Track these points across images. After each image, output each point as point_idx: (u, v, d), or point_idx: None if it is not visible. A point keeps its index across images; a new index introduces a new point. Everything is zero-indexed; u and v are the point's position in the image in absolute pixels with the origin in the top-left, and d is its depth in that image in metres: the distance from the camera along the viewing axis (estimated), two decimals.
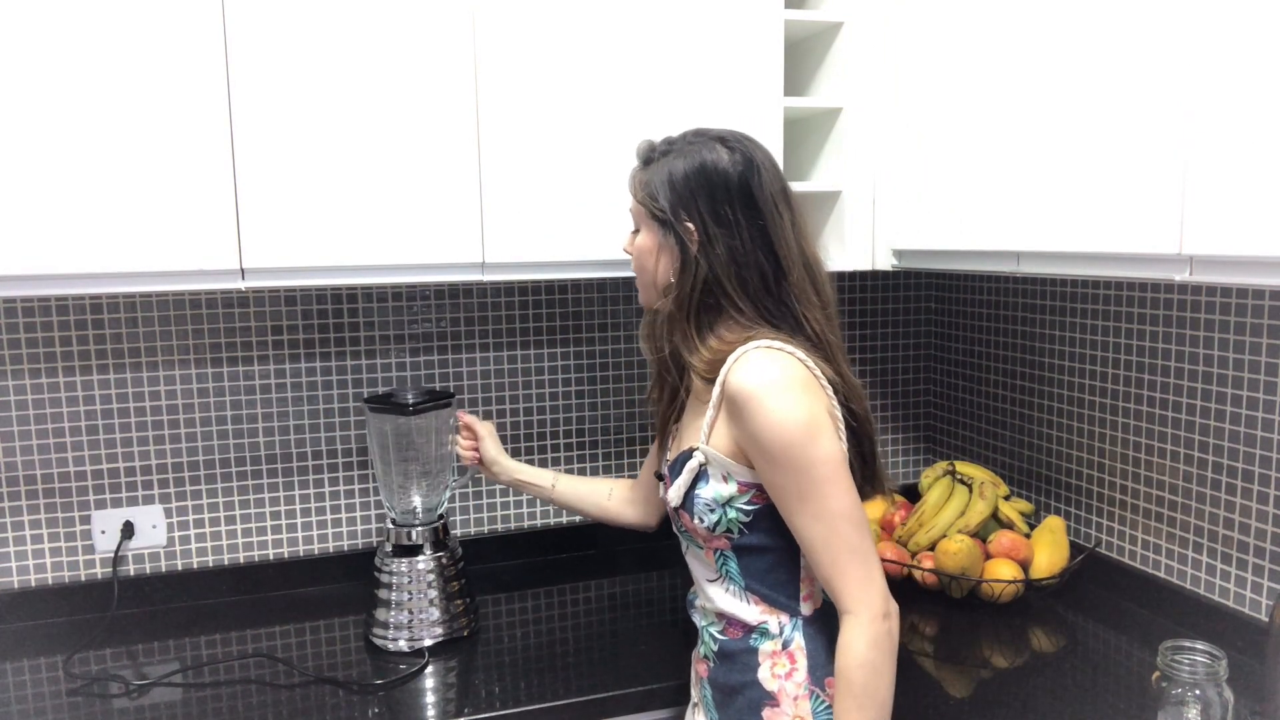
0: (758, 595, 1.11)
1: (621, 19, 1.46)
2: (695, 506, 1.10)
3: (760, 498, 1.08)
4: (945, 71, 1.42)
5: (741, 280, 1.07)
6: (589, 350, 1.89)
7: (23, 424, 1.60)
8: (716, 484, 1.08)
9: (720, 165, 1.08)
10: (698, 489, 1.09)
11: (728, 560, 1.12)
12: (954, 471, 1.76)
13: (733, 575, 1.12)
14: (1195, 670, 1.03)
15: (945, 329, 2.05)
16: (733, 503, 1.08)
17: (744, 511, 1.08)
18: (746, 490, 1.07)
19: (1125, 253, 1.11)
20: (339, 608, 1.65)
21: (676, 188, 1.08)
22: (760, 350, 1.04)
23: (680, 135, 1.14)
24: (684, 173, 1.08)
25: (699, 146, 1.10)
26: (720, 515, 1.08)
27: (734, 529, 1.09)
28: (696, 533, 1.12)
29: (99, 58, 1.25)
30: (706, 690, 1.18)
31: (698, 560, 1.17)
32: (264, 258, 1.35)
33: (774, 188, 1.09)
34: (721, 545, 1.12)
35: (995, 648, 1.44)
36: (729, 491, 1.08)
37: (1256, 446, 1.35)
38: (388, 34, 1.36)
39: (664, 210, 1.09)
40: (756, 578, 1.11)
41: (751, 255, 1.07)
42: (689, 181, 1.08)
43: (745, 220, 1.07)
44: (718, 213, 1.07)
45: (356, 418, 1.77)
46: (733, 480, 1.08)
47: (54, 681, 1.39)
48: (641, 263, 1.15)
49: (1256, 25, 0.93)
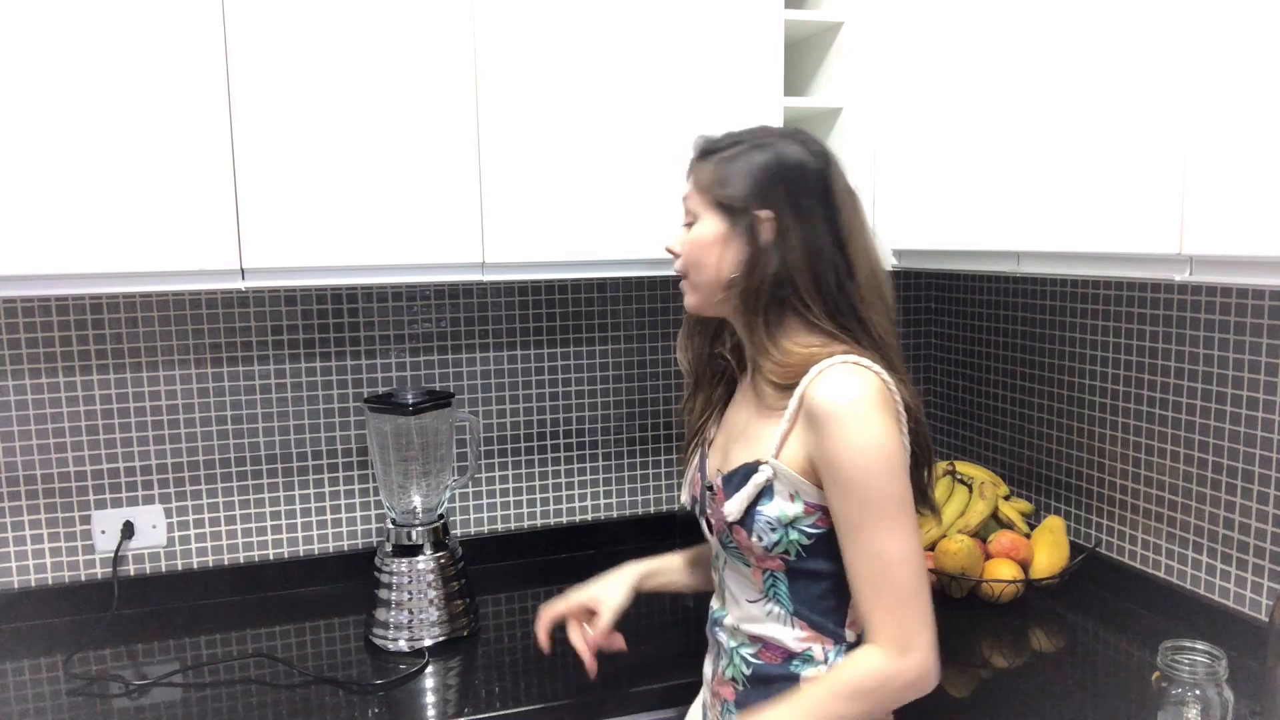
0: (805, 621, 1.06)
1: (621, 19, 1.46)
2: (755, 524, 1.02)
3: (825, 520, 1.01)
4: (945, 71, 1.42)
5: (816, 276, 1.01)
6: (589, 350, 1.89)
7: (23, 424, 1.60)
8: (782, 502, 1.02)
9: (800, 157, 1.03)
10: (760, 505, 1.02)
11: (778, 583, 1.06)
12: (954, 471, 1.76)
13: (781, 598, 1.06)
14: (1195, 670, 1.02)
15: (945, 329, 2.05)
16: (796, 524, 1.02)
17: (806, 534, 1.02)
18: (813, 512, 1.01)
19: (1125, 253, 1.11)
20: (339, 608, 1.65)
21: (754, 176, 1.02)
22: (847, 365, 0.98)
23: (747, 130, 1.09)
24: (762, 163, 1.03)
25: (774, 139, 1.05)
26: (781, 536, 1.02)
27: (792, 551, 1.03)
28: (751, 551, 1.05)
29: (99, 57, 1.25)
30: (732, 716, 1.11)
31: (740, 578, 1.10)
32: (264, 258, 1.35)
33: (845, 185, 1.06)
34: (774, 566, 1.05)
35: (995, 648, 1.44)
36: (794, 511, 1.01)
37: (1256, 446, 1.35)
38: (387, 33, 1.36)
39: (737, 199, 1.03)
40: (806, 604, 1.05)
41: (828, 250, 1.02)
42: (768, 171, 1.02)
43: (822, 213, 1.02)
44: (797, 203, 1.02)
45: (356, 418, 1.77)
46: (799, 500, 1.01)
47: (54, 681, 1.39)
48: (699, 256, 1.06)
49: (1256, 25, 0.93)
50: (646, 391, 1.93)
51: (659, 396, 1.94)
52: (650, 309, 1.91)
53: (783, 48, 1.55)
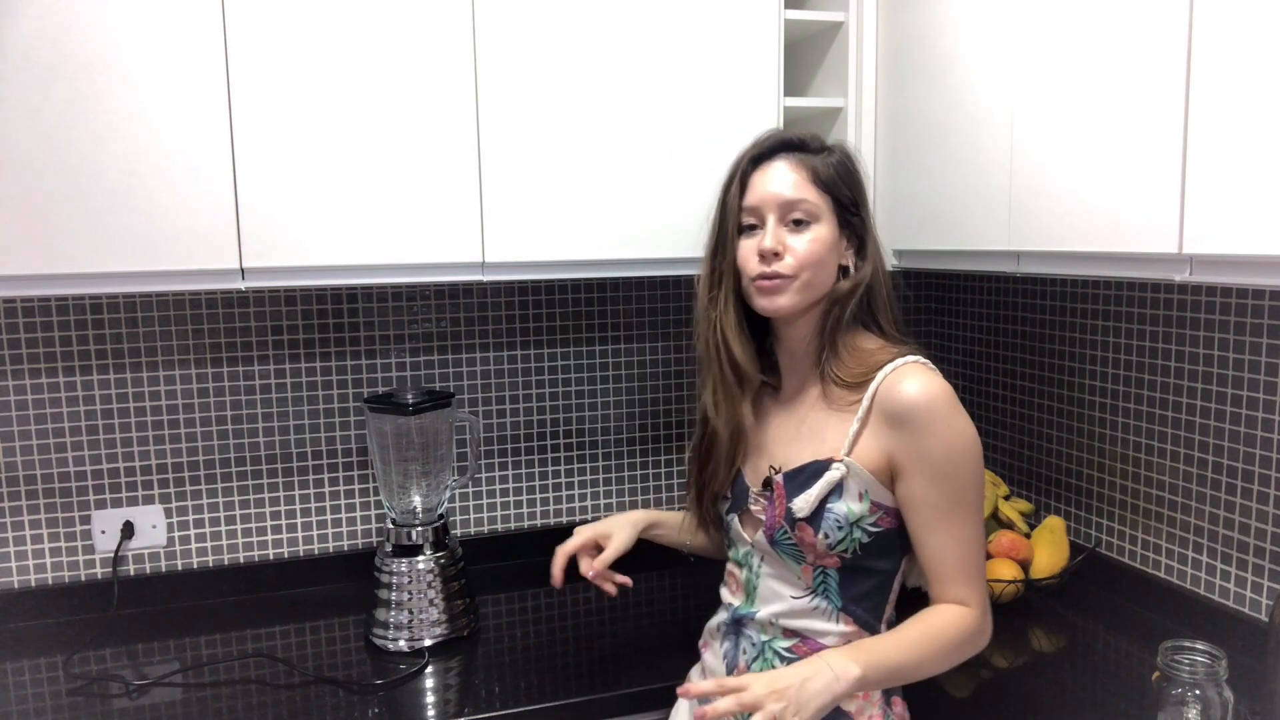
0: (850, 616, 1.08)
1: (621, 19, 1.46)
2: (825, 522, 1.04)
3: (886, 520, 1.05)
4: (944, 71, 1.42)
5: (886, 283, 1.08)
6: (589, 350, 1.89)
7: (23, 424, 1.60)
8: (850, 501, 1.04)
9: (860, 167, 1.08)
10: (830, 503, 1.04)
11: (828, 578, 1.08)
12: None
13: (830, 594, 1.08)
14: (1195, 670, 1.02)
15: (945, 329, 2.05)
16: (861, 522, 1.04)
17: (868, 533, 1.05)
18: (876, 511, 1.05)
19: (1125, 253, 1.11)
20: (339, 608, 1.65)
21: (855, 182, 1.06)
22: (918, 365, 1.03)
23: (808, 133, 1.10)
24: (851, 169, 1.07)
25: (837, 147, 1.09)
26: (846, 534, 1.04)
27: (851, 549, 1.05)
28: (812, 548, 1.06)
29: (99, 58, 1.25)
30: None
31: (785, 574, 1.10)
32: (263, 258, 1.35)
33: None
34: (830, 564, 1.07)
35: (995, 648, 1.43)
36: (860, 510, 1.04)
37: (1256, 446, 1.35)
38: (388, 33, 1.36)
39: (851, 202, 1.06)
40: (855, 599, 1.08)
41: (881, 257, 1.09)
42: (855, 177, 1.07)
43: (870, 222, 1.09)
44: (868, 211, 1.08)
45: (356, 418, 1.77)
46: (867, 499, 1.04)
47: (54, 681, 1.39)
48: (822, 256, 1.05)
49: (1256, 25, 0.93)
50: (647, 391, 1.93)
51: (659, 396, 1.94)
52: (650, 309, 1.91)
53: (782, 47, 1.55)
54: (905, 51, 1.52)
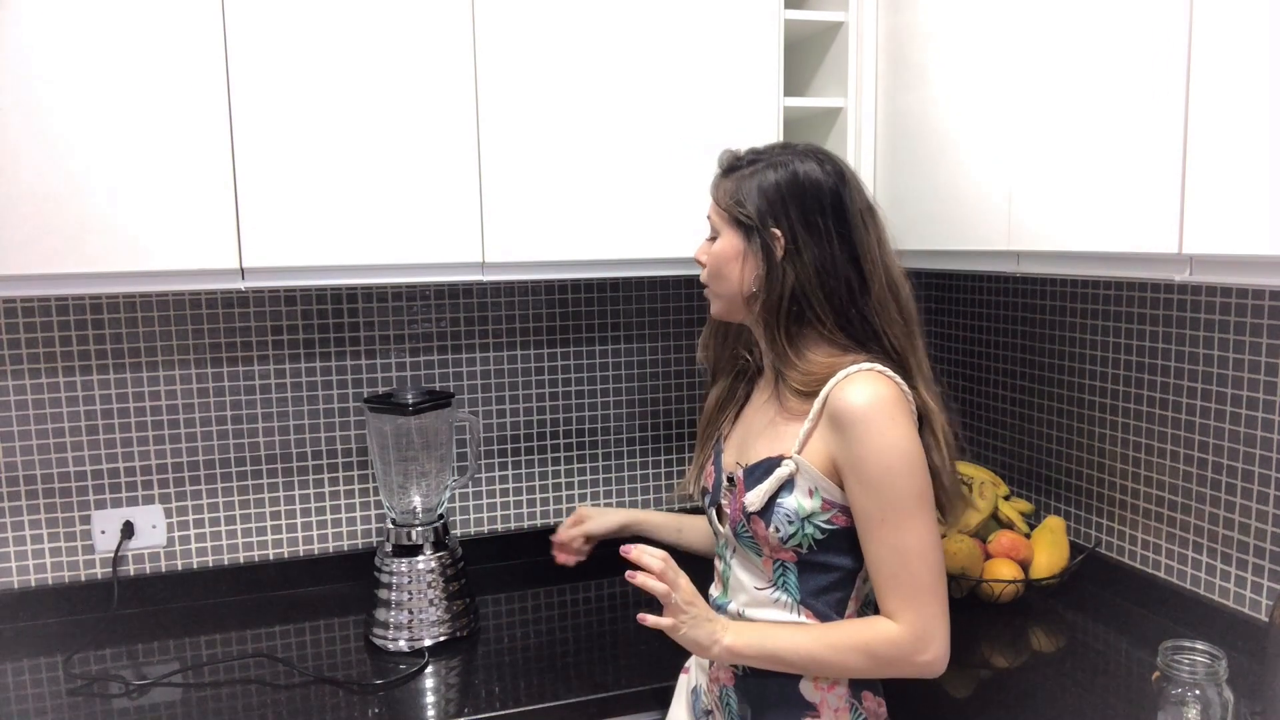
0: (810, 610, 1.10)
1: (621, 19, 1.46)
2: (775, 516, 1.08)
3: (840, 518, 1.07)
4: (944, 71, 1.42)
5: (828, 291, 1.07)
6: (589, 350, 1.89)
7: (23, 424, 1.60)
8: (801, 497, 1.07)
9: (814, 176, 1.08)
10: (780, 498, 1.08)
11: (787, 572, 1.11)
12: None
13: (789, 588, 1.11)
14: (1195, 670, 1.02)
15: (945, 329, 2.05)
16: (813, 518, 1.07)
17: (821, 529, 1.07)
18: (829, 509, 1.07)
19: (1125, 253, 1.11)
20: (339, 608, 1.65)
21: (768, 195, 1.08)
22: (868, 372, 1.05)
23: (767, 147, 1.15)
24: (775, 181, 1.08)
25: (791, 157, 1.10)
26: (798, 529, 1.07)
27: (805, 544, 1.08)
28: (766, 541, 1.10)
29: (100, 58, 1.25)
30: (731, 699, 1.16)
31: (750, 567, 1.15)
32: (264, 258, 1.35)
33: (862, 202, 1.11)
34: (787, 558, 1.10)
35: (995, 648, 1.44)
36: (811, 506, 1.07)
37: (1256, 446, 1.35)
38: (388, 33, 1.36)
39: (751, 216, 1.08)
40: (814, 594, 1.10)
41: (840, 266, 1.07)
42: (781, 189, 1.08)
43: (835, 231, 1.07)
44: (809, 221, 1.07)
45: (356, 418, 1.77)
46: (818, 496, 1.07)
47: (54, 681, 1.39)
48: (720, 269, 1.13)
49: (1256, 25, 0.93)
50: (647, 391, 1.93)
51: (659, 396, 1.94)
52: (650, 309, 1.91)
53: (783, 47, 1.55)
54: (905, 52, 1.52)
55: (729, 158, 1.16)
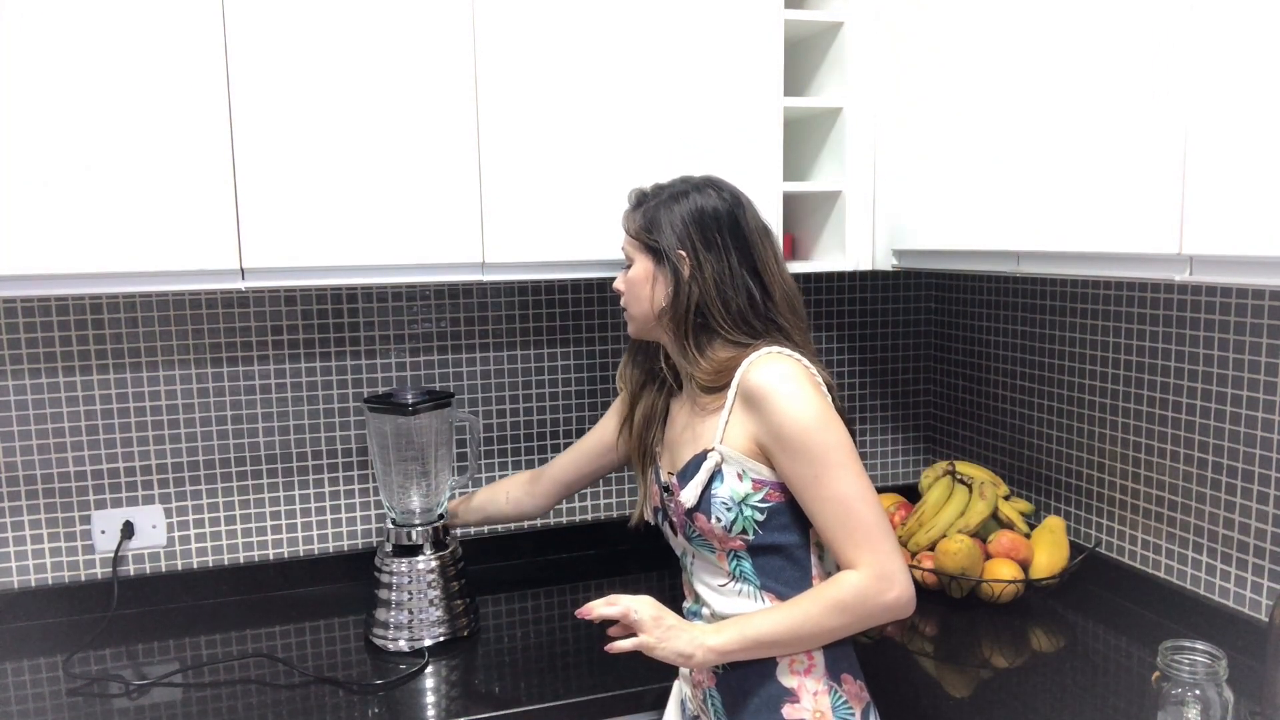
0: (773, 593, 1.15)
1: (621, 19, 1.46)
2: (712, 506, 1.14)
3: (774, 495, 1.13)
4: (945, 71, 1.42)
5: (725, 301, 1.17)
6: (589, 350, 1.89)
7: (23, 424, 1.60)
8: (732, 482, 1.13)
9: (711, 202, 1.20)
10: (713, 488, 1.14)
11: (741, 561, 1.16)
12: (954, 471, 1.76)
13: (747, 575, 1.16)
14: (1195, 670, 1.03)
15: (945, 329, 2.05)
16: (748, 501, 1.13)
17: (759, 509, 1.13)
18: (760, 488, 1.13)
19: (1125, 253, 1.11)
20: (339, 608, 1.65)
21: (673, 223, 1.20)
22: (772, 354, 1.14)
23: (670, 181, 1.26)
24: (678, 210, 1.20)
25: (690, 189, 1.22)
26: (736, 514, 1.13)
27: (749, 529, 1.14)
28: (712, 534, 1.15)
29: (100, 58, 1.25)
30: (715, 700, 1.18)
31: (708, 566, 1.19)
32: (264, 258, 1.35)
33: (757, 222, 1.22)
34: (736, 547, 1.15)
35: (995, 648, 1.44)
36: (744, 490, 1.13)
37: (1256, 446, 1.35)
38: (388, 33, 1.36)
39: (659, 241, 1.20)
40: (771, 575, 1.15)
41: (739, 278, 1.18)
42: (683, 217, 1.20)
43: (733, 248, 1.19)
44: (708, 240, 1.18)
45: (356, 418, 1.77)
46: (748, 478, 1.13)
47: (54, 681, 1.39)
48: (635, 293, 1.24)
49: (1256, 25, 0.93)
50: None
51: None
52: None
53: (783, 48, 1.55)
54: (905, 52, 1.52)
55: (636, 194, 1.27)
